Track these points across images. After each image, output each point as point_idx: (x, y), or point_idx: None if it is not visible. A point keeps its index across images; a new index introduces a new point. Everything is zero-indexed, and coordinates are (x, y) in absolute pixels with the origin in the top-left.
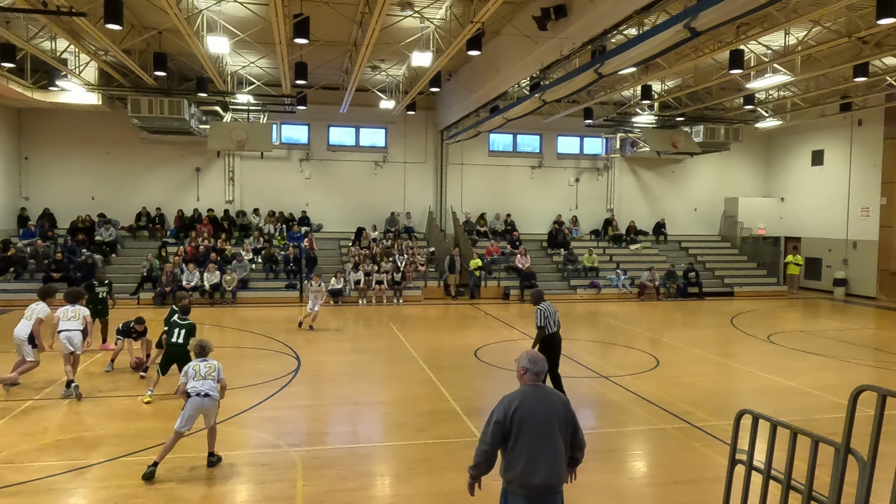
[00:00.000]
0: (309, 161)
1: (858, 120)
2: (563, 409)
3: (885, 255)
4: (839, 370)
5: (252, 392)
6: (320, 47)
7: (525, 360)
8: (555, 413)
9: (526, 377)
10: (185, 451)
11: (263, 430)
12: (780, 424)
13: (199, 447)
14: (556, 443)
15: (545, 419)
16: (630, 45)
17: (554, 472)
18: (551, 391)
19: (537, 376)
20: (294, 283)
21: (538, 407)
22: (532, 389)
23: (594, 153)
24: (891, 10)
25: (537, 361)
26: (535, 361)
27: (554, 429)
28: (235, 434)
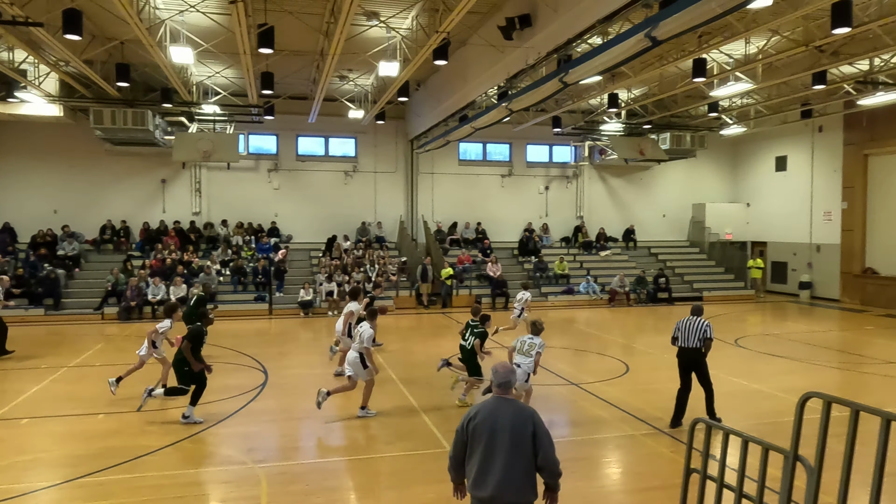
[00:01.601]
0: (278, 171)
1: (819, 126)
2: (520, 424)
3: (848, 258)
4: (805, 373)
5: (218, 407)
6: (287, 57)
7: (491, 370)
8: (509, 427)
9: (494, 389)
10: (152, 470)
11: (229, 447)
12: (731, 433)
13: (166, 465)
14: (507, 457)
15: (496, 432)
16: (593, 54)
17: (503, 487)
18: (516, 405)
19: (499, 388)
20: (263, 296)
21: (492, 419)
22: (493, 401)
23: (563, 161)
24: (845, 20)
25: (499, 372)
26: (497, 372)
27: (505, 442)
28: (200, 450)
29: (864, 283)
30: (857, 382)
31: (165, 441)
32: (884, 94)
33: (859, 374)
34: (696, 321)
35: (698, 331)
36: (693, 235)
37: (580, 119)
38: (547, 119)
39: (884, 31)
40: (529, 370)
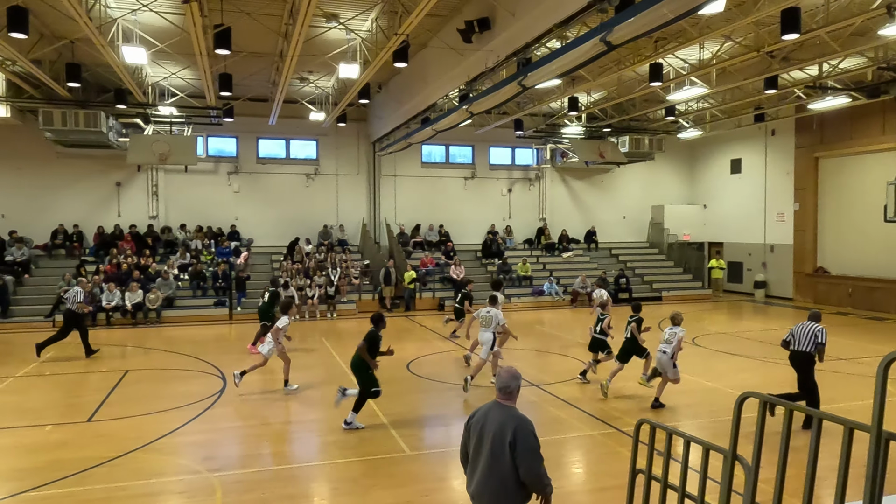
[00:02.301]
0: (238, 174)
1: (772, 130)
2: (502, 432)
3: (800, 258)
4: (759, 370)
5: (173, 416)
6: (245, 58)
7: (496, 375)
8: (493, 433)
9: (496, 392)
10: (102, 482)
11: (183, 456)
12: (674, 433)
13: (117, 476)
14: (487, 462)
15: (484, 435)
16: (551, 57)
17: (481, 490)
18: (508, 412)
19: (499, 392)
20: (223, 301)
21: (483, 422)
22: (490, 404)
23: (526, 164)
24: (794, 27)
25: (501, 377)
26: (500, 377)
27: (487, 447)
28: (152, 461)
29: (816, 282)
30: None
31: (117, 451)
32: (832, 98)
33: None
34: (810, 326)
35: (811, 335)
36: (652, 236)
37: (542, 122)
38: (509, 122)
39: (831, 37)
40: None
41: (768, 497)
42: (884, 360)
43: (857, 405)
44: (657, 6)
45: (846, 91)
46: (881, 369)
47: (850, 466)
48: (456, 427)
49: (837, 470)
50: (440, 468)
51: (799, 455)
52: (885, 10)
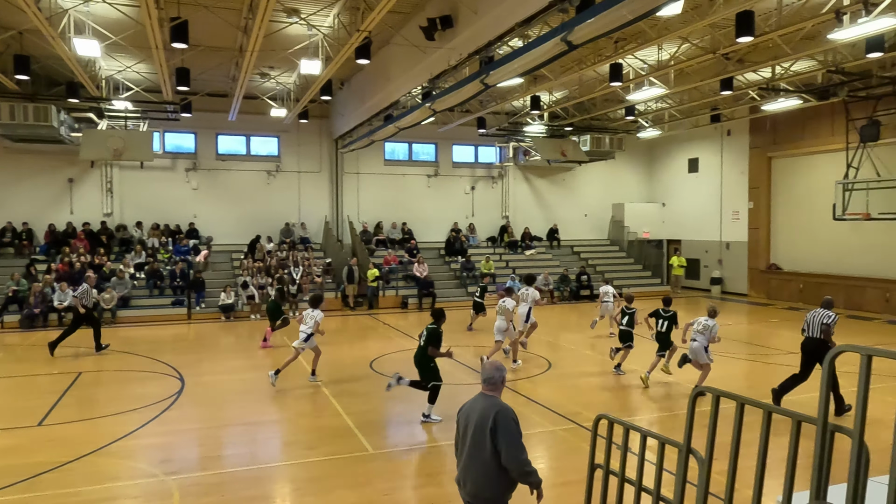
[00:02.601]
0: (196, 171)
1: (727, 130)
2: (484, 420)
3: (754, 255)
4: (715, 365)
5: (128, 418)
6: (203, 52)
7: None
8: (476, 421)
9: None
10: (52, 488)
11: (138, 459)
12: (631, 428)
13: (68, 482)
14: (471, 450)
15: (469, 425)
16: (513, 56)
17: (467, 477)
18: (491, 401)
19: (484, 383)
20: (181, 300)
21: (469, 412)
22: (477, 396)
23: (489, 162)
24: (748, 30)
25: (485, 368)
26: (484, 368)
27: (472, 436)
28: (106, 465)
29: (769, 278)
30: (762, 372)
31: (69, 456)
32: (784, 100)
33: (764, 364)
34: (821, 313)
35: (821, 321)
36: (613, 234)
37: (504, 120)
38: (472, 120)
39: (783, 40)
40: (704, 345)
41: (722, 488)
42: (829, 355)
43: (806, 398)
44: (617, 7)
45: (797, 93)
46: (827, 363)
47: (799, 457)
48: (420, 425)
49: (786, 461)
50: (404, 467)
51: (751, 447)
52: (833, 15)
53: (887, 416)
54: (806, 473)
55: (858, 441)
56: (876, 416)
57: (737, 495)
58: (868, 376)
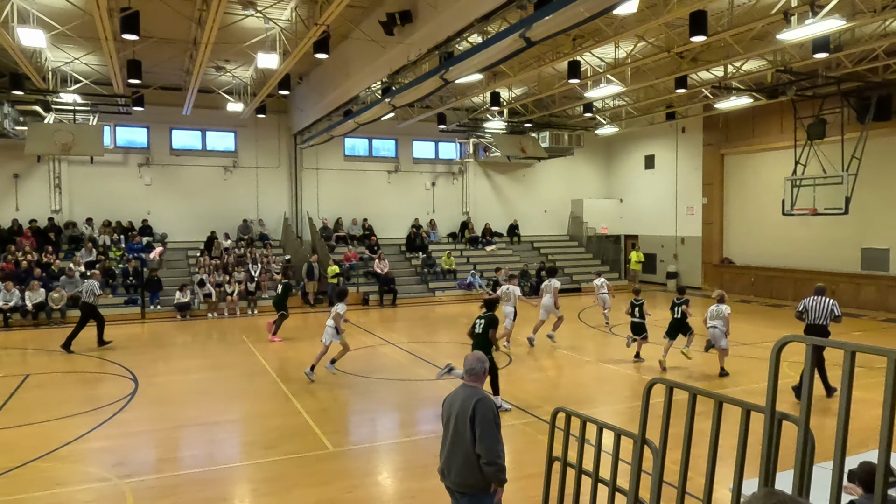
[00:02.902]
0: (149, 166)
1: (682, 128)
2: (465, 409)
3: (708, 250)
4: (671, 356)
5: (79, 421)
6: (156, 44)
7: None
8: (458, 411)
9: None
10: (2, 494)
11: (90, 463)
12: (588, 420)
13: (14, 489)
14: (453, 439)
15: (451, 415)
16: (473, 52)
17: (449, 467)
18: (472, 391)
19: (466, 374)
20: (135, 299)
21: (452, 403)
22: (459, 386)
23: (449, 158)
24: (701, 29)
25: (467, 360)
26: (466, 360)
27: (454, 425)
28: (55, 470)
29: (722, 271)
30: (716, 363)
31: (15, 461)
32: (736, 98)
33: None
34: (822, 300)
35: (826, 309)
36: (572, 230)
37: (464, 116)
38: (432, 116)
39: (735, 40)
40: (723, 330)
41: (676, 477)
42: (776, 345)
43: (758, 387)
44: (574, 4)
45: (748, 92)
46: (774, 353)
47: (749, 445)
48: (381, 422)
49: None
50: (365, 464)
51: (703, 437)
52: (782, 15)
53: (832, 404)
54: (757, 461)
55: (804, 429)
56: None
57: (690, 483)
58: (812, 366)
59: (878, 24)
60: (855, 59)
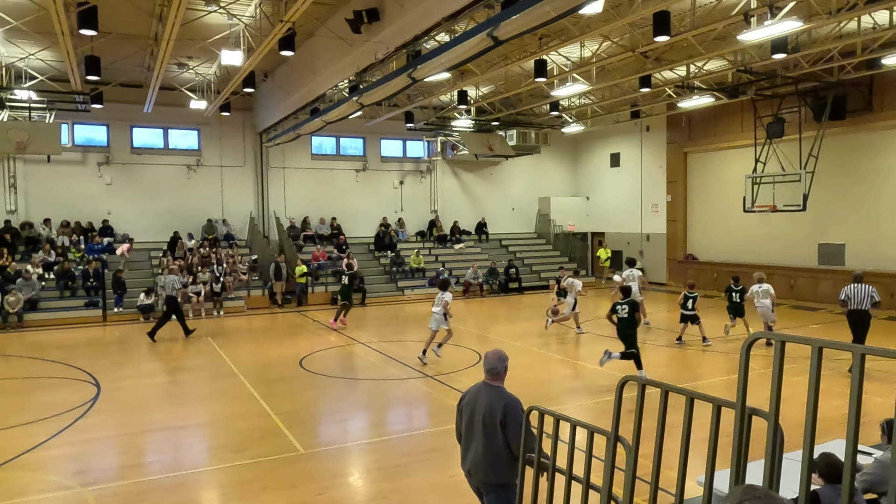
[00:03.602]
0: (109, 165)
1: (646, 126)
2: (492, 411)
3: (672, 246)
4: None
5: (38, 428)
6: (115, 40)
7: (484, 357)
8: (484, 412)
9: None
10: None
11: (50, 472)
12: (561, 418)
13: None
14: (480, 439)
15: (475, 415)
16: (440, 50)
17: (476, 466)
18: (497, 392)
19: (487, 374)
20: (96, 301)
21: (473, 403)
22: (479, 386)
23: (417, 156)
24: (664, 29)
25: (488, 359)
26: (487, 359)
27: (479, 426)
28: (14, 479)
29: (686, 267)
30: (683, 358)
31: None
32: (698, 97)
33: (685, 350)
34: (862, 287)
35: (867, 295)
36: (540, 227)
37: (432, 115)
38: (400, 114)
39: (697, 40)
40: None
41: (648, 471)
42: (746, 342)
43: (723, 380)
44: (540, 4)
45: (710, 91)
46: (744, 350)
47: (719, 438)
48: (352, 422)
49: (708, 442)
50: (336, 465)
51: (675, 430)
52: (742, 17)
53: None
54: (727, 453)
55: (774, 422)
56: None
57: (662, 477)
58: (782, 361)
59: (833, 27)
60: (812, 59)
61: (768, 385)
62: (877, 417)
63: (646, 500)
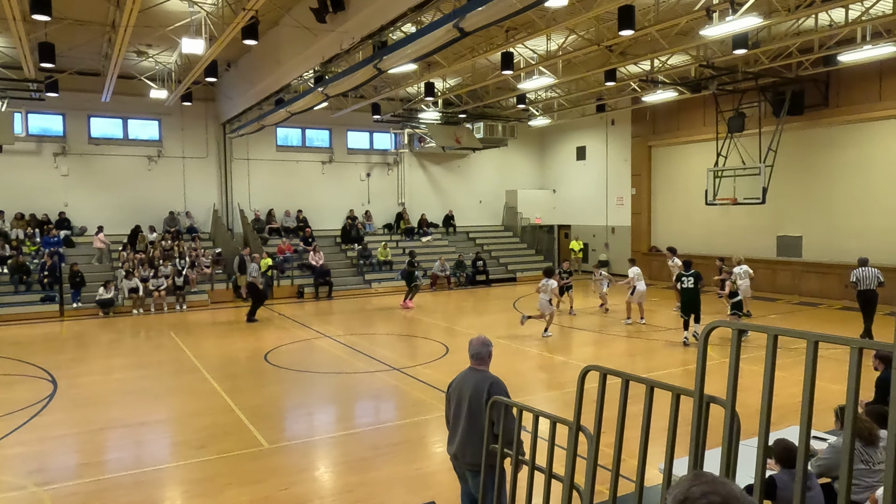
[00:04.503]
0: (66, 155)
1: (612, 120)
2: (478, 393)
3: (637, 238)
4: (602, 343)
5: None
6: (71, 26)
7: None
8: (470, 395)
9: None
10: None
11: (4, 471)
12: (524, 408)
13: None
14: (467, 422)
15: (462, 399)
16: (406, 41)
17: (462, 448)
18: (482, 375)
19: (472, 359)
20: (52, 296)
21: (460, 387)
22: (466, 371)
23: (384, 148)
24: (629, 23)
25: (472, 345)
26: (471, 345)
27: (466, 409)
28: None
29: (650, 259)
30: (645, 349)
31: None
32: (662, 92)
33: (646, 340)
34: (868, 270)
35: (873, 276)
36: (507, 220)
37: (399, 107)
38: (366, 106)
39: (661, 35)
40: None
41: (610, 460)
42: (704, 330)
43: (682, 370)
44: None
45: (673, 85)
46: (702, 339)
47: (678, 427)
48: (318, 416)
49: (667, 431)
50: (302, 459)
51: (635, 420)
52: (705, 12)
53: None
54: (686, 441)
55: (731, 410)
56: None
57: (623, 465)
58: (738, 349)
59: (791, 23)
60: (771, 55)
61: (726, 374)
62: (832, 404)
63: (607, 488)
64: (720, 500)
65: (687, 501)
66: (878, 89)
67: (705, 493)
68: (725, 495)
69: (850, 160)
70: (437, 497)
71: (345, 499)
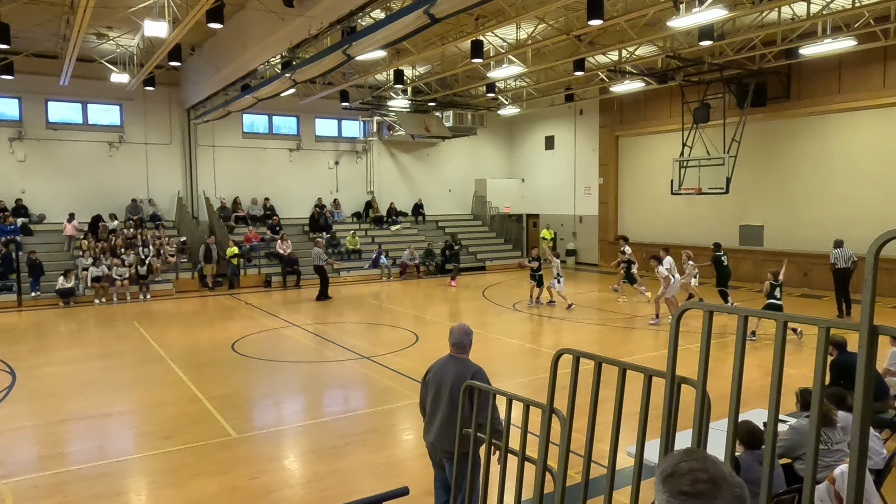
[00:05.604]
0: (22, 140)
1: (580, 110)
2: (458, 382)
3: (604, 228)
4: (571, 330)
5: None
6: (26, 7)
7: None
8: (450, 383)
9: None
10: None
11: None
12: (497, 392)
13: None
14: (446, 411)
15: (440, 386)
16: (376, 27)
17: (441, 437)
18: (462, 364)
19: (453, 347)
20: (9, 285)
21: (440, 375)
22: (445, 359)
23: (352, 136)
24: (598, 13)
25: (454, 333)
26: (452, 333)
27: (445, 397)
28: None
29: (617, 248)
30: (613, 334)
31: None
32: (630, 82)
33: (614, 328)
34: (844, 251)
35: (849, 256)
36: (476, 209)
37: (368, 94)
38: (334, 93)
39: (629, 25)
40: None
41: (581, 444)
42: (676, 313)
43: (654, 355)
44: None
45: (641, 76)
46: (674, 321)
47: (650, 409)
48: (286, 405)
49: (638, 415)
50: (270, 449)
51: (607, 405)
52: (672, 3)
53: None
54: (656, 425)
55: (702, 391)
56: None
57: (594, 450)
58: (710, 331)
59: (755, 16)
60: (736, 47)
61: (696, 358)
62: (791, 388)
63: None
64: (707, 478)
65: (674, 476)
66: (838, 82)
67: (693, 470)
68: (713, 473)
69: (810, 151)
70: (408, 484)
71: (314, 487)
